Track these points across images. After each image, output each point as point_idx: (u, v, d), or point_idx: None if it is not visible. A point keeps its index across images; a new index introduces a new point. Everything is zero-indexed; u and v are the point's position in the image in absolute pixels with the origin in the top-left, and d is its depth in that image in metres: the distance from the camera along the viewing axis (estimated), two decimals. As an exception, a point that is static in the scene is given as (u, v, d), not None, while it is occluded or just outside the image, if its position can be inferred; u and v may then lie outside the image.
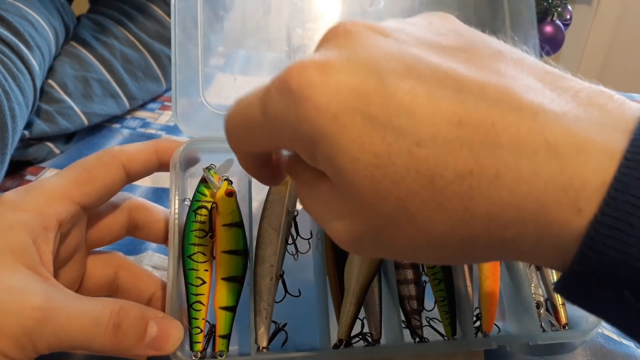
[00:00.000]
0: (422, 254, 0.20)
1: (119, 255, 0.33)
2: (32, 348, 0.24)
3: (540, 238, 0.17)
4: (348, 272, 0.32)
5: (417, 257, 0.21)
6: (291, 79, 0.19)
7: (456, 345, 0.33)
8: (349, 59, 0.19)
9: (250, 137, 0.22)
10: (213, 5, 0.37)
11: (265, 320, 0.31)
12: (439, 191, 0.17)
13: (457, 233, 0.18)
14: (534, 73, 0.19)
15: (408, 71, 0.18)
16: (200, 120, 0.37)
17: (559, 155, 0.16)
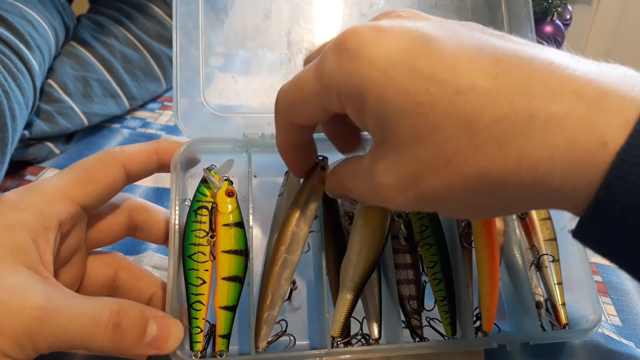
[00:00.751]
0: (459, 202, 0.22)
1: (119, 256, 0.33)
2: (32, 347, 0.24)
3: (568, 175, 0.19)
4: (344, 269, 0.32)
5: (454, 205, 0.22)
6: (346, 39, 0.22)
7: (456, 345, 0.33)
8: (399, 26, 0.22)
9: (301, 101, 0.25)
10: (214, 9, 0.38)
11: (270, 322, 0.31)
12: (475, 134, 0.19)
13: (490, 175, 0.20)
14: (554, 49, 0.21)
15: (450, 37, 0.21)
16: (200, 121, 0.37)
17: (586, 100, 0.18)
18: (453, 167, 0.20)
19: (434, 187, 0.21)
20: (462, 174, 0.20)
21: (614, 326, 0.39)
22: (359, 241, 0.32)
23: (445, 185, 0.21)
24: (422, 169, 0.21)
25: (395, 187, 0.22)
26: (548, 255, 0.36)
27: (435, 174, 0.21)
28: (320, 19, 0.40)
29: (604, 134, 0.18)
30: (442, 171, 0.21)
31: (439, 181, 0.21)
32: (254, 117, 0.38)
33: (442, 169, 0.21)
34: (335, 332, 0.31)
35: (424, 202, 0.22)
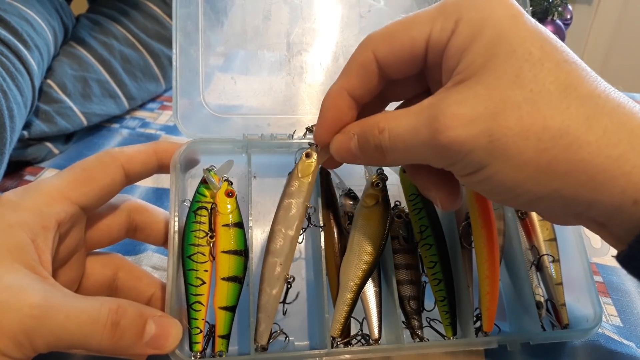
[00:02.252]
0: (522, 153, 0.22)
1: (118, 257, 0.33)
2: (31, 346, 0.24)
3: None
4: (344, 270, 0.32)
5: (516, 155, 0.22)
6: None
7: (456, 345, 0.33)
8: None
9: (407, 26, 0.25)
10: (214, 10, 0.38)
11: (269, 320, 0.31)
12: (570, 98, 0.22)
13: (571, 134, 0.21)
14: None
15: None
16: (200, 121, 0.37)
17: None
18: (538, 114, 0.21)
19: (508, 128, 0.22)
20: (543, 126, 0.21)
21: (615, 326, 0.39)
22: (358, 241, 0.32)
23: (521, 128, 0.22)
24: (506, 107, 0.22)
25: (464, 117, 0.22)
26: (548, 256, 0.36)
27: (517, 115, 0.22)
28: (319, 20, 0.40)
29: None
30: (524, 115, 0.22)
31: (517, 123, 0.22)
32: (254, 118, 0.38)
33: (525, 114, 0.22)
34: (335, 332, 0.31)
35: (486, 141, 0.22)
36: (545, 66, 0.22)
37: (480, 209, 0.33)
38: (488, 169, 0.23)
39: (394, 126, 0.25)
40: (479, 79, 0.22)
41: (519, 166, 0.22)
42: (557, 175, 0.22)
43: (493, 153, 0.22)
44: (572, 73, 0.22)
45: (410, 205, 0.36)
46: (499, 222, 0.35)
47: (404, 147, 0.25)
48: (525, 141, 0.22)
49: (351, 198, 0.36)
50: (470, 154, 0.22)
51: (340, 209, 0.36)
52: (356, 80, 0.27)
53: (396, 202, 0.37)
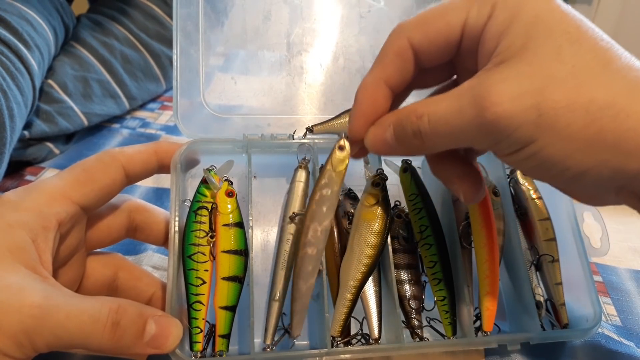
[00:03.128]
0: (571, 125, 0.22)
1: (118, 257, 0.33)
2: (31, 346, 0.24)
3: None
4: (344, 269, 0.32)
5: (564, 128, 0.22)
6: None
7: (456, 345, 0.33)
8: None
9: (442, 11, 0.26)
10: (214, 11, 0.38)
11: (304, 312, 0.31)
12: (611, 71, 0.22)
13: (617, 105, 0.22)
14: None
15: None
16: (200, 121, 0.37)
17: None
18: (583, 87, 0.22)
19: (555, 101, 0.22)
20: (589, 98, 0.22)
21: (614, 326, 0.39)
22: (358, 241, 0.32)
23: (568, 101, 0.22)
24: (551, 82, 0.22)
25: (512, 93, 0.22)
26: (548, 255, 0.36)
27: (563, 89, 0.22)
28: (319, 21, 0.40)
29: None
30: (570, 89, 0.22)
31: (564, 97, 0.22)
32: (254, 118, 0.38)
33: (571, 87, 0.22)
34: (335, 331, 0.31)
35: (534, 115, 0.22)
36: (584, 44, 0.23)
37: (480, 208, 0.33)
38: (537, 143, 0.23)
39: (433, 110, 0.25)
40: (520, 58, 0.23)
41: (568, 138, 0.22)
42: (606, 145, 0.22)
43: (542, 126, 0.22)
44: (609, 51, 0.23)
45: (410, 205, 0.36)
46: (498, 222, 0.35)
47: (446, 129, 0.24)
48: (573, 113, 0.22)
49: (351, 198, 0.36)
50: (518, 130, 0.23)
51: (340, 209, 0.36)
52: (392, 68, 0.27)
53: (396, 202, 0.37)
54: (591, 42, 0.23)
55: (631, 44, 1.35)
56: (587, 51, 0.23)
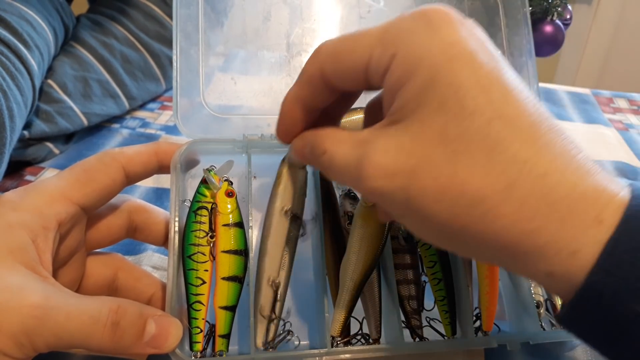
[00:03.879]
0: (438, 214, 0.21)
1: (118, 257, 0.33)
2: (31, 346, 0.24)
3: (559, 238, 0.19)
4: (343, 269, 0.32)
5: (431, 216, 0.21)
6: (434, 12, 0.22)
7: (456, 345, 0.33)
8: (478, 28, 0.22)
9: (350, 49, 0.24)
10: (214, 11, 0.38)
11: None
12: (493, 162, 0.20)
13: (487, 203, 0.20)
14: None
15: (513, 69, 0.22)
16: (200, 122, 0.37)
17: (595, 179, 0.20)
18: (456, 179, 0.20)
19: (423, 188, 0.21)
20: (460, 191, 0.20)
21: (614, 326, 0.39)
22: (358, 241, 0.32)
23: (436, 190, 0.21)
24: (425, 166, 0.21)
25: (386, 169, 0.21)
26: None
27: (435, 176, 0.21)
28: (319, 21, 0.40)
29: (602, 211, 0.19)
30: (442, 177, 0.20)
31: (434, 184, 0.20)
32: (254, 118, 0.38)
33: (444, 177, 0.20)
34: (335, 331, 0.31)
35: (403, 197, 0.21)
36: (476, 122, 0.20)
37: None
38: (406, 221, 0.23)
39: (334, 152, 0.24)
40: (407, 126, 0.21)
41: (433, 227, 0.22)
42: (471, 242, 0.21)
43: (409, 209, 0.22)
44: (503, 131, 0.20)
45: (410, 205, 0.36)
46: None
47: (336, 175, 0.25)
48: (439, 203, 0.20)
49: (351, 198, 0.36)
50: (390, 206, 0.22)
51: (340, 209, 0.36)
52: (306, 91, 0.26)
53: (396, 202, 0.37)
54: (485, 120, 0.20)
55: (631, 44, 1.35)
56: (476, 131, 0.20)
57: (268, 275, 0.31)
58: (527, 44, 0.42)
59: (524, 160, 0.20)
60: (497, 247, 0.20)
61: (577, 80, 1.89)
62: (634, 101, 0.74)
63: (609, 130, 0.65)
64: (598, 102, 0.72)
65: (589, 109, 0.70)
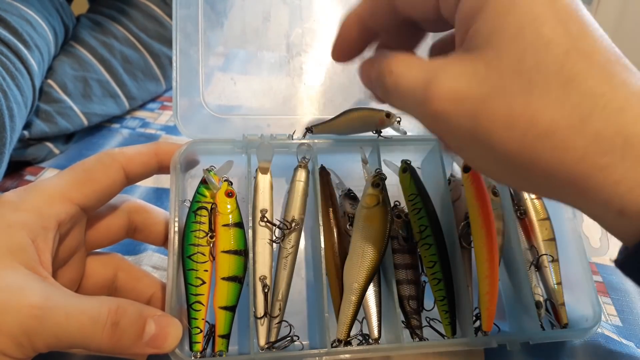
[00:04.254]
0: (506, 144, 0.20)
1: (118, 257, 0.33)
2: (31, 346, 0.24)
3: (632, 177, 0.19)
4: (347, 272, 0.32)
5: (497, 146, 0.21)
6: None
7: (456, 345, 0.33)
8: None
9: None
10: (214, 11, 0.38)
11: None
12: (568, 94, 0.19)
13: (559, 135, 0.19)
14: None
15: None
16: (200, 122, 0.37)
17: None
18: (529, 110, 0.20)
19: (495, 115, 0.20)
20: (531, 122, 0.20)
21: (614, 326, 0.39)
22: (361, 243, 0.32)
23: (509, 118, 0.20)
24: (499, 93, 0.20)
25: (457, 93, 0.21)
26: (547, 256, 0.36)
27: (509, 104, 0.20)
28: (319, 22, 0.40)
29: None
30: (516, 106, 0.20)
31: (507, 112, 0.20)
32: (253, 119, 0.38)
33: (517, 106, 0.20)
34: (342, 334, 0.31)
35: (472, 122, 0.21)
36: (552, 53, 0.20)
37: (480, 208, 0.33)
38: (470, 151, 0.22)
39: (401, 73, 0.23)
40: (482, 53, 0.21)
41: (499, 158, 0.21)
42: (539, 175, 0.20)
43: (475, 138, 0.21)
44: (579, 64, 0.20)
45: (409, 205, 0.36)
46: (498, 222, 0.35)
47: (404, 99, 0.24)
48: (510, 132, 0.20)
49: (351, 198, 0.36)
50: (456, 131, 0.22)
51: (340, 209, 0.36)
52: (369, 8, 0.26)
53: (396, 202, 0.37)
54: (562, 50, 0.20)
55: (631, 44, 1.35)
56: (552, 62, 0.20)
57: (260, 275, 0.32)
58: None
59: (600, 94, 0.19)
60: (566, 181, 0.20)
61: (577, 80, 1.89)
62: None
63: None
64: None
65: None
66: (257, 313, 0.32)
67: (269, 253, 0.33)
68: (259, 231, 0.33)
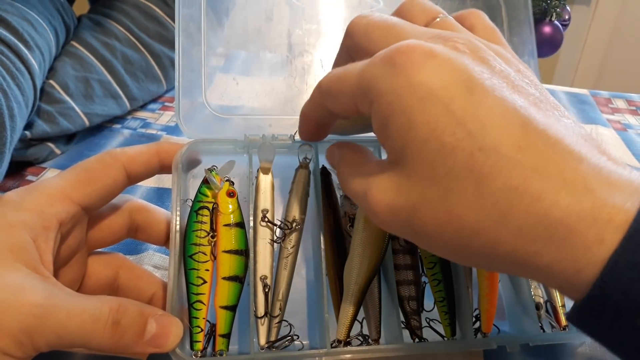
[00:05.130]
0: (444, 245, 0.22)
1: (119, 256, 0.33)
2: (32, 345, 0.24)
3: (560, 260, 0.19)
4: (347, 273, 0.32)
5: (438, 246, 0.23)
6: (398, 54, 0.22)
7: (455, 346, 0.33)
8: (451, 59, 0.22)
9: (338, 92, 0.25)
10: (216, 11, 0.38)
11: None
12: (484, 194, 0.20)
13: (486, 234, 0.20)
14: (581, 132, 0.22)
15: (494, 90, 0.21)
16: (201, 122, 0.37)
17: (593, 195, 0.19)
18: (454, 213, 0.21)
19: (426, 221, 0.22)
20: (459, 224, 0.21)
21: (613, 327, 0.39)
22: (361, 244, 0.32)
23: (439, 225, 0.22)
24: (423, 202, 0.22)
25: (389, 206, 0.23)
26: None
27: (434, 214, 0.21)
28: (321, 22, 0.40)
29: (603, 232, 0.19)
30: (440, 214, 0.21)
31: (434, 221, 0.22)
32: (255, 119, 0.38)
33: (441, 213, 0.21)
34: (341, 335, 0.31)
35: (410, 229, 0.23)
36: (458, 159, 0.20)
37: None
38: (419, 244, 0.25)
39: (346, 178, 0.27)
40: (401, 166, 0.22)
41: (443, 253, 0.23)
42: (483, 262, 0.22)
43: (418, 239, 0.23)
44: (487, 162, 0.20)
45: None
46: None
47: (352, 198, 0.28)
48: (443, 235, 0.22)
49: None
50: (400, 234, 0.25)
51: (341, 210, 0.36)
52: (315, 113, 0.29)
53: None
54: (467, 154, 0.20)
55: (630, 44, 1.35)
56: (462, 168, 0.20)
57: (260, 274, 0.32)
58: (529, 44, 0.42)
59: (514, 187, 0.20)
60: (507, 264, 0.21)
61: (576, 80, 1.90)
62: (632, 101, 0.74)
63: (607, 131, 0.65)
64: (596, 102, 0.72)
65: (588, 109, 0.70)
66: (258, 313, 0.32)
67: (270, 253, 0.33)
68: (259, 231, 0.33)
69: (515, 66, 0.24)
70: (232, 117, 0.38)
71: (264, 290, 0.32)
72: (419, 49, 0.22)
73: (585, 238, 0.19)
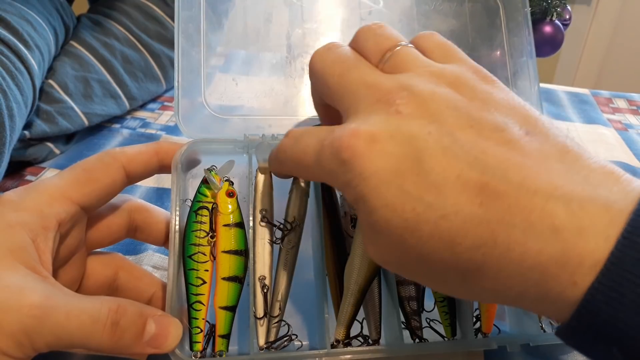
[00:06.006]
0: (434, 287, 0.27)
1: (119, 256, 0.33)
2: (31, 346, 0.24)
3: (541, 300, 0.20)
4: (347, 273, 0.32)
5: None
6: (342, 151, 0.22)
7: (456, 346, 0.33)
8: (392, 136, 0.22)
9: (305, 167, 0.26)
10: (215, 12, 0.38)
11: None
12: (456, 254, 0.21)
13: (467, 286, 0.22)
14: (555, 151, 0.21)
15: (445, 151, 0.21)
16: (201, 122, 0.37)
17: (562, 237, 0.19)
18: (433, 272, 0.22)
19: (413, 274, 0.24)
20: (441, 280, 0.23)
21: (614, 327, 0.39)
22: (362, 244, 0.32)
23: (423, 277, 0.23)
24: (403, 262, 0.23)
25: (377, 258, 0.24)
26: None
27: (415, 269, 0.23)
28: (320, 23, 0.40)
29: (574, 274, 0.19)
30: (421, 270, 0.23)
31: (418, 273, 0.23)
32: (255, 119, 0.38)
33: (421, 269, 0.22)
34: (340, 335, 0.31)
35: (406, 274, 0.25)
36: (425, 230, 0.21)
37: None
38: None
39: None
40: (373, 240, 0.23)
41: None
42: (468, 297, 0.28)
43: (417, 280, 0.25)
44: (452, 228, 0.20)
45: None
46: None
47: None
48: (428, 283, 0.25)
49: (351, 198, 0.36)
50: None
51: (341, 209, 0.36)
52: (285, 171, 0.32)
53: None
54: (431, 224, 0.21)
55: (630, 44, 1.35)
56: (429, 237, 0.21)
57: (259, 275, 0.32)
58: (527, 45, 0.42)
59: (483, 244, 0.20)
60: (493, 300, 0.23)
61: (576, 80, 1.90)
62: (633, 101, 0.74)
63: (608, 131, 0.65)
64: (597, 102, 0.72)
65: (588, 109, 0.70)
66: (257, 313, 0.32)
67: (269, 253, 0.33)
68: (259, 231, 0.33)
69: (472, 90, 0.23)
70: (232, 117, 0.38)
71: (262, 291, 0.32)
72: (362, 137, 0.22)
73: (558, 282, 0.19)
